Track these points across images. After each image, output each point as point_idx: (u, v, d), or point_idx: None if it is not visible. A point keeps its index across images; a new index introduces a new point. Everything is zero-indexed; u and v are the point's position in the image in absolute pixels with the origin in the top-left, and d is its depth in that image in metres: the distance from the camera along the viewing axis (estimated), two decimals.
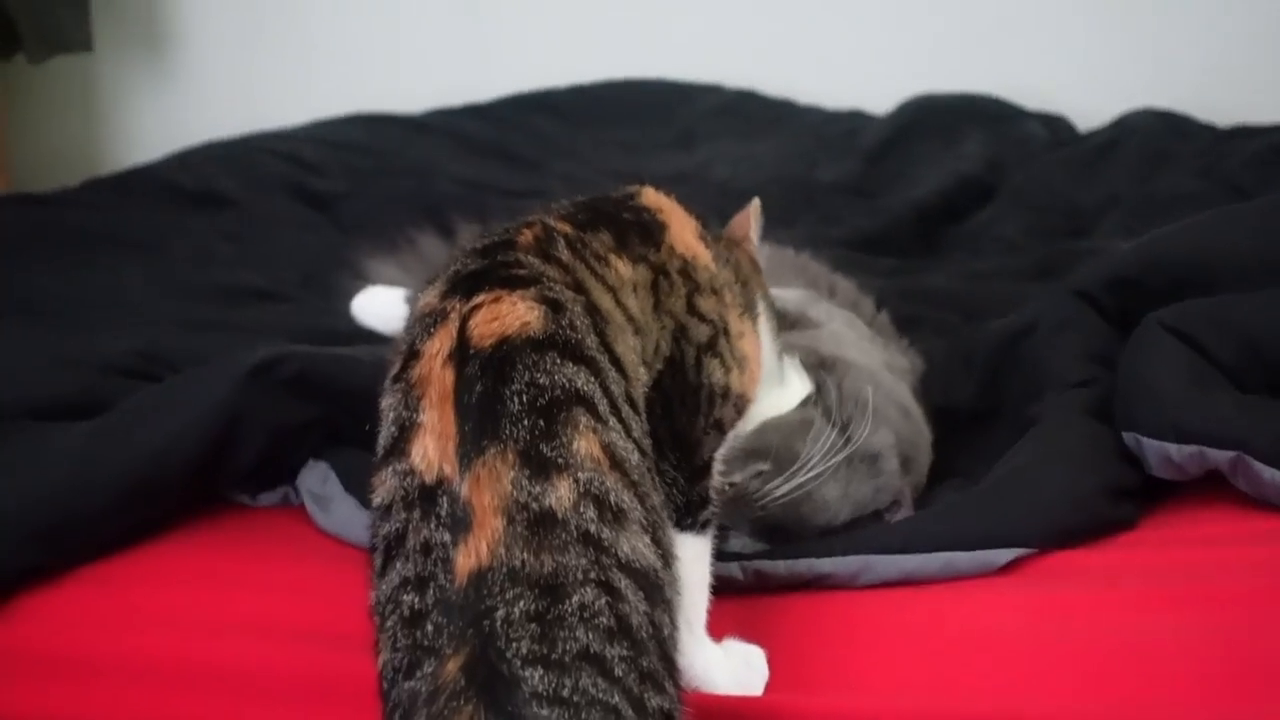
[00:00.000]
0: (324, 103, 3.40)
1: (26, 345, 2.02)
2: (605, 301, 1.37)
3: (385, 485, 1.27)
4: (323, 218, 2.83)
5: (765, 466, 1.58)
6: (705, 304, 1.45)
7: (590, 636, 1.19)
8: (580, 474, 1.23)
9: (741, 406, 1.47)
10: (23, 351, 1.99)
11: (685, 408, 1.42)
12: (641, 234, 1.46)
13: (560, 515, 1.21)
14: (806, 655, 1.46)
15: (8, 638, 1.59)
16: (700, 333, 1.44)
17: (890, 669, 1.46)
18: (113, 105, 3.76)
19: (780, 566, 1.56)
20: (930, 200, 2.84)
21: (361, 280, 2.34)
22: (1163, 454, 1.66)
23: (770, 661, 1.43)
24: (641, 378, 1.37)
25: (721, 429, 1.45)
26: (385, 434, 1.30)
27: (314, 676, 1.50)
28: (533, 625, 1.18)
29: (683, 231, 1.48)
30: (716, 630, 1.42)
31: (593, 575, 1.21)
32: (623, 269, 1.41)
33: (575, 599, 1.20)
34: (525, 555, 1.20)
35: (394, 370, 1.32)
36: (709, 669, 1.40)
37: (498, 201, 2.76)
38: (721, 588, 1.44)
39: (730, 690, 1.40)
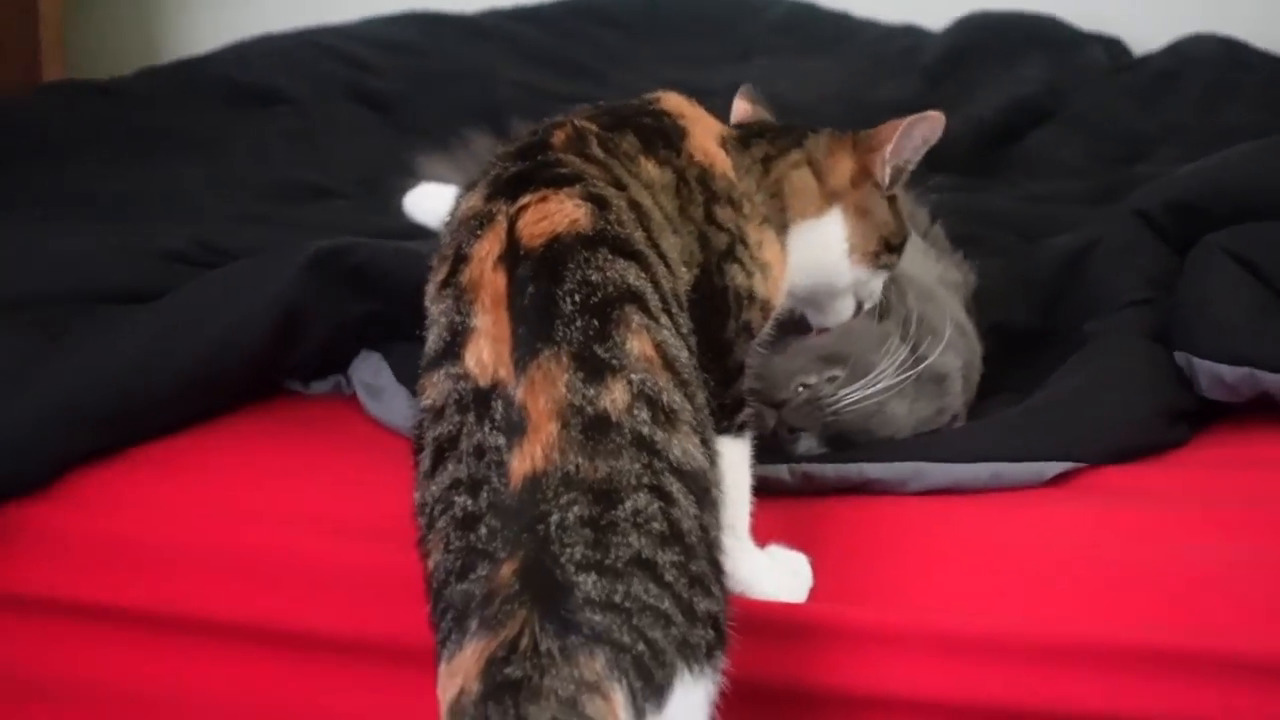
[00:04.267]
0: None
1: (85, 236, 2.02)
2: (645, 199, 1.36)
3: (437, 387, 1.27)
4: (379, 118, 2.81)
5: (840, 373, 1.59)
6: (722, 214, 1.43)
7: (643, 542, 1.19)
8: (634, 375, 1.23)
9: (767, 311, 1.45)
10: (82, 241, 1.98)
11: (717, 312, 1.40)
12: (663, 138, 1.43)
13: (615, 418, 1.21)
14: (851, 563, 1.46)
15: (60, 518, 1.59)
16: (719, 240, 1.41)
17: (934, 580, 1.46)
18: None
19: (829, 470, 1.57)
20: (990, 119, 2.80)
21: (414, 179, 2.34)
22: (1214, 375, 1.67)
23: (815, 568, 1.43)
24: (683, 276, 1.36)
25: (750, 332, 1.43)
26: (436, 338, 1.29)
27: (359, 568, 1.51)
28: (586, 531, 1.18)
29: (704, 138, 1.46)
30: (762, 536, 1.42)
31: (646, 480, 1.20)
32: (651, 170, 1.40)
33: (629, 504, 1.19)
34: (580, 460, 1.20)
35: (441, 275, 1.31)
36: (754, 575, 1.40)
37: (555, 107, 2.73)
38: (768, 490, 1.43)
39: (774, 597, 1.40)
